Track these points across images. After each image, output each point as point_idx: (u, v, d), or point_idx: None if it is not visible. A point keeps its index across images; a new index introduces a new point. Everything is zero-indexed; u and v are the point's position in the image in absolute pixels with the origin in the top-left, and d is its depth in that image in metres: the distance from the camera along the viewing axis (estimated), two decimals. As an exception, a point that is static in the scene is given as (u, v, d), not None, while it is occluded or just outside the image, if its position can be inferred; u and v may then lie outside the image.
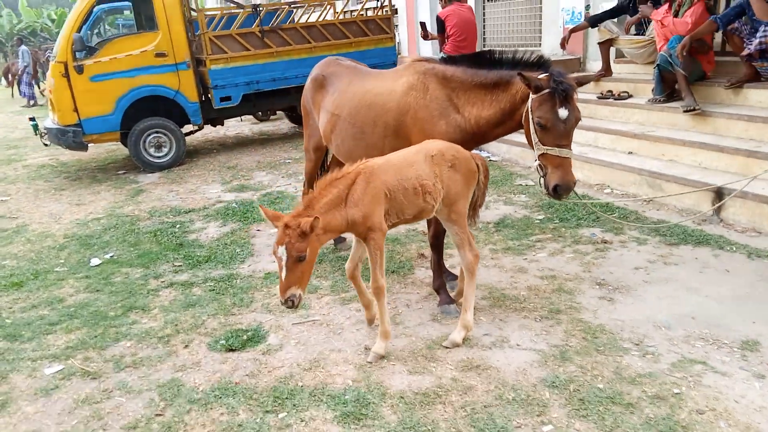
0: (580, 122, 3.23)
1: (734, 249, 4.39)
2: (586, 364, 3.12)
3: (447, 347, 3.36)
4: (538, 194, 6.11)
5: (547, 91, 3.08)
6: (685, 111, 5.98)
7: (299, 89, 9.37)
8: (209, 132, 10.88)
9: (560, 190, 3.19)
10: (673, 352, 3.20)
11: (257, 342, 3.65)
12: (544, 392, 2.92)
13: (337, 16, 9.36)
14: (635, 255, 4.48)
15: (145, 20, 9.10)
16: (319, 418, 2.88)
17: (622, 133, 6.47)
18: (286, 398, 3.03)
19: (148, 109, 8.43)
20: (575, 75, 3.41)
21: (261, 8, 8.77)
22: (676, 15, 6.28)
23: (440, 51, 8.01)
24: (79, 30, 7.79)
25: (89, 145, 8.33)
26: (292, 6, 9.21)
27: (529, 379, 3.03)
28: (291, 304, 2.93)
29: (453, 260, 4.42)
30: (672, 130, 6.17)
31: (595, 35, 8.36)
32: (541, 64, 3.27)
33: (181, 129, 8.76)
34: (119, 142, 9.06)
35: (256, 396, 3.09)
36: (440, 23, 7.65)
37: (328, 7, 9.68)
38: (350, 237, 5.15)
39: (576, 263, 4.40)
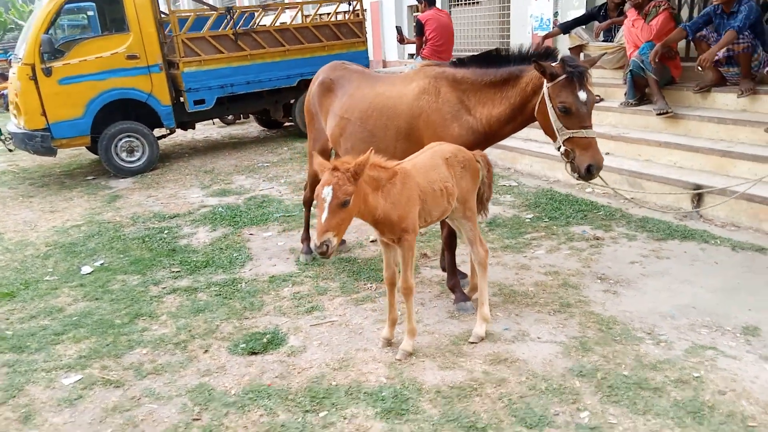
0: None
1: (718, 243, 4.69)
2: (607, 354, 3.28)
3: (473, 342, 3.46)
4: (523, 194, 6.33)
5: (564, 76, 3.23)
6: (658, 114, 6.32)
7: (272, 92, 9.47)
8: (177, 136, 10.64)
9: (593, 170, 3.36)
10: (683, 339, 3.41)
11: (278, 344, 3.65)
12: (574, 381, 3.06)
13: (310, 19, 9.36)
14: (628, 250, 4.71)
15: (111, 22, 8.86)
16: (361, 415, 2.92)
17: (598, 135, 6.71)
18: (323, 397, 3.06)
19: (118, 113, 8.21)
20: (582, 59, 3.58)
21: (234, 11, 8.68)
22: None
23: (417, 55, 8.16)
24: (47, 31, 7.50)
25: (58, 150, 8.02)
26: (266, 9, 9.15)
27: (557, 370, 3.17)
28: (325, 249, 2.82)
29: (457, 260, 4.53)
30: (646, 131, 6.51)
31: (564, 41, 8.71)
32: (549, 54, 3.43)
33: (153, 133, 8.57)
34: (84, 147, 8.76)
35: (292, 397, 3.10)
36: (420, 26, 7.79)
37: (296, 11, 9.66)
38: (353, 241, 5.24)
39: (574, 259, 4.60)
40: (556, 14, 8.73)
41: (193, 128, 9.61)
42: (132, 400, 3.19)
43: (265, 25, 9.05)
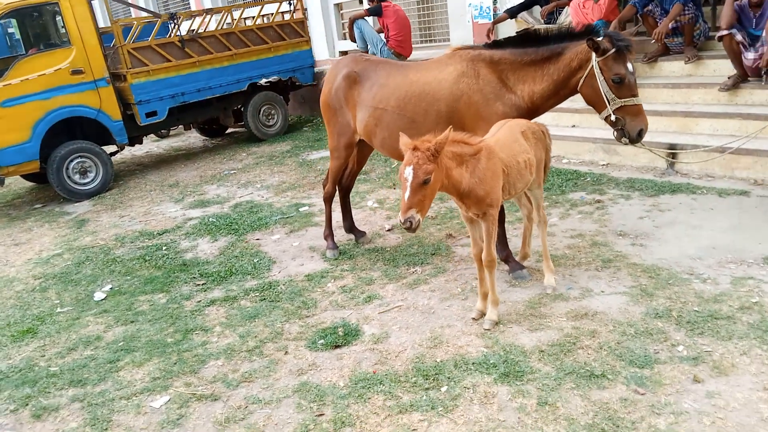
0: None
1: (704, 192, 5.23)
2: (669, 295, 3.62)
3: (549, 293, 3.78)
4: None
5: (614, 50, 3.51)
6: (616, 84, 6.87)
7: (222, 99, 9.21)
8: (119, 154, 10.04)
9: (643, 133, 3.71)
10: (722, 275, 3.82)
11: (356, 335, 3.67)
12: (656, 322, 3.36)
13: (254, 21, 9.18)
14: (630, 208, 5.13)
15: (36, 38, 8.24)
16: (481, 383, 3.04)
17: (563, 109, 7.21)
18: (436, 374, 3.15)
19: (63, 133, 7.65)
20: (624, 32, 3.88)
21: (178, 17, 8.35)
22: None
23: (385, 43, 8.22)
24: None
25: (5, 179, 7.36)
26: (210, 13, 8.87)
27: (635, 315, 3.45)
28: (409, 224, 2.97)
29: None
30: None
31: (504, 27, 9.17)
32: (592, 30, 3.70)
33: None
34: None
35: (404, 378, 3.16)
36: (378, 8, 7.91)
37: (226, 14, 9.40)
38: (370, 231, 5.29)
39: (589, 221, 4.95)
40: (495, 2, 9.15)
41: (141, 143, 9.13)
42: (239, 409, 3.11)
43: (211, 30, 8.76)
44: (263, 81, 9.29)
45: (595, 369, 3.02)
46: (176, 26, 8.23)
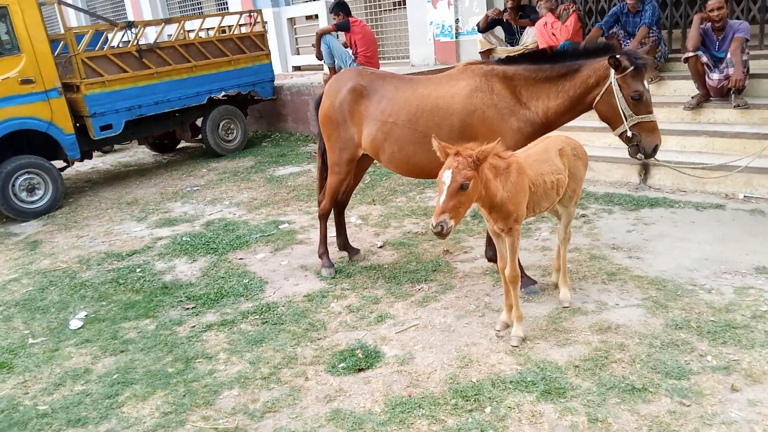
0: None
1: (682, 205, 5.47)
2: (683, 306, 3.71)
3: (566, 306, 3.81)
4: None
5: (632, 68, 3.59)
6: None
7: (182, 112, 8.81)
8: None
9: (658, 149, 3.80)
10: (723, 285, 3.97)
11: (378, 357, 3.53)
12: (678, 333, 3.43)
13: (215, 32, 8.87)
14: (616, 222, 5.28)
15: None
16: (525, 402, 2.98)
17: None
18: (476, 395, 3.06)
19: (9, 147, 7.05)
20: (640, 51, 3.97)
21: (136, 26, 7.94)
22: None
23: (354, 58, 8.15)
24: None
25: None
26: (168, 22, 8.48)
27: (657, 327, 3.51)
28: (441, 229, 2.92)
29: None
30: (578, 119, 7.25)
31: (466, 46, 9.37)
32: (606, 49, 3.79)
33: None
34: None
35: (442, 401, 3.05)
36: (346, 24, 7.85)
37: (183, 23, 9.04)
38: (361, 248, 5.14)
39: (580, 235, 5.04)
40: (457, 20, 9.32)
41: (90, 158, 8.55)
42: (273, 442, 2.89)
43: (170, 41, 8.38)
44: (222, 94, 8.97)
45: (634, 382, 3.03)
46: (135, 36, 7.80)
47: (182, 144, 10.66)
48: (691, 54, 6.01)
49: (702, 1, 6.20)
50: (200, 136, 9.33)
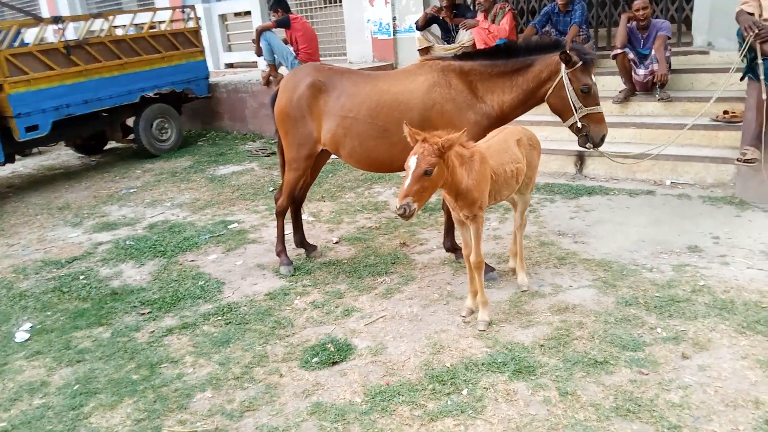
0: None
1: (617, 193, 5.84)
2: (630, 285, 3.99)
3: (524, 290, 4.01)
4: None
5: (581, 63, 3.81)
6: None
7: (112, 111, 8.42)
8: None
9: (605, 138, 4.04)
10: (662, 264, 4.29)
11: (350, 350, 3.57)
12: (629, 309, 3.69)
13: (146, 28, 8.53)
14: (558, 210, 5.57)
15: None
16: (498, 381, 3.12)
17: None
18: (452, 378, 3.16)
19: None
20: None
21: (63, 20, 7.51)
22: (493, 23, 7.70)
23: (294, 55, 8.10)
24: None
25: None
26: (96, 17, 8.06)
27: (609, 305, 3.76)
28: (404, 211, 3.04)
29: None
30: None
31: (404, 43, 9.51)
32: (556, 45, 4.00)
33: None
34: None
35: (420, 387, 3.13)
36: (286, 20, 7.80)
37: (103, 20, 8.66)
38: (319, 244, 5.15)
39: (528, 224, 5.23)
40: (394, 18, 9.44)
41: (13, 161, 8.02)
42: (256, 439, 2.87)
43: (99, 36, 7.98)
44: (155, 92, 8.66)
45: (596, 357, 3.24)
46: (61, 30, 7.38)
47: (110, 145, 10.21)
48: (619, 51, 6.42)
49: (627, 1, 6.60)
50: (132, 136, 8.96)
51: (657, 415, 2.78)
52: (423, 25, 8.32)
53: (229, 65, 12.36)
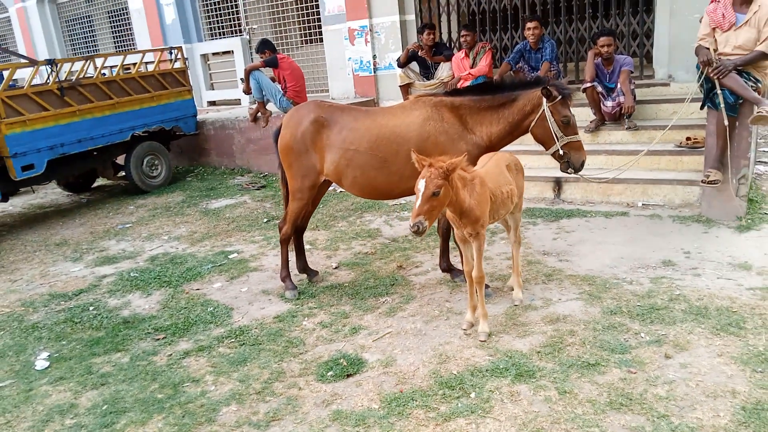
0: None
1: (593, 215, 6.28)
2: (613, 296, 4.36)
3: (517, 304, 4.34)
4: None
5: (560, 97, 4.26)
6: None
7: (104, 150, 8.64)
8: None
9: (584, 164, 4.45)
10: (641, 277, 4.69)
11: (362, 364, 3.84)
12: (614, 318, 4.05)
13: (135, 69, 8.83)
14: (541, 232, 5.97)
15: None
16: (503, 385, 3.42)
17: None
18: (459, 384, 3.46)
19: None
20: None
21: (57, 63, 7.77)
22: (473, 61, 8.22)
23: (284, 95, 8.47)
24: None
25: None
26: (90, 60, 8.33)
27: (596, 315, 4.12)
28: (417, 229, 3.38)
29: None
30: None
31: (384, 80, 9.98)
32: (538, 81, 4.44)
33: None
34: None
35: (432, 392, 3.42)
36: (274, 60, 8.20)
37: (89, 62, 8.92)
38: (320, 270, 5.43)
39: (514, 245, 5.66)
40: (375, 57, 9.93)
41: (6, 201, 8.14)
42: (286, 445, 3.11)
43: (90, 77, 8.24)
44: (144, 130, 8.92)
45: (588, 360, 3.58)
46: (55, 73, 7.63)
47: (98, 182, 10.36)
48: (588, 84, 6.96)
49: (593, 38, 7.18)
50: (122, 174, 9.16)
51: (647, 407, 3.12)
52: (405, 62, 8.80)
53: (212, 103, 12.68)
